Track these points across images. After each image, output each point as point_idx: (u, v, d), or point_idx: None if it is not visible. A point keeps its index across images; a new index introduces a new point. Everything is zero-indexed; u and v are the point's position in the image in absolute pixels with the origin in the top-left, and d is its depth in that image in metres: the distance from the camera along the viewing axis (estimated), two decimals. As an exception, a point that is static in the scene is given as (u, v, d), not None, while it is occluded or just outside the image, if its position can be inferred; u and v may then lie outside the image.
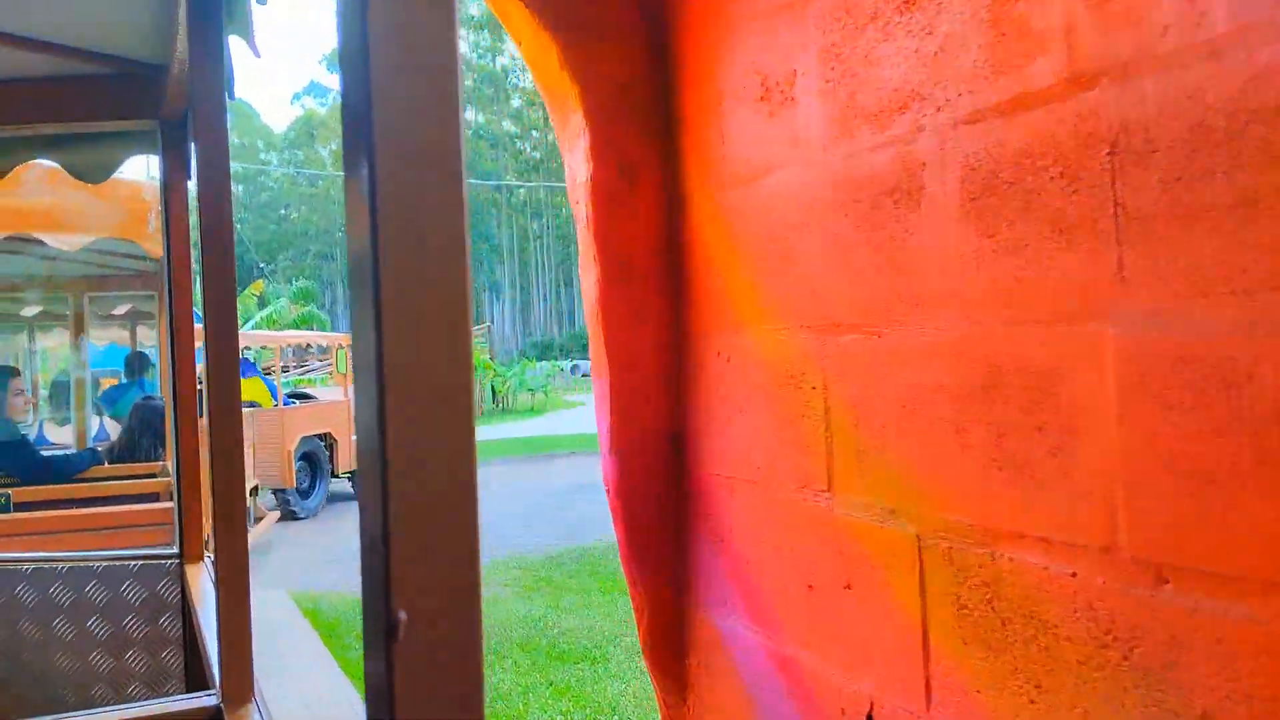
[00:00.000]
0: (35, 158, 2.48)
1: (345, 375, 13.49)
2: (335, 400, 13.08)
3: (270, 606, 8.52)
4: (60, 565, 2.31)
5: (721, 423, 1.50)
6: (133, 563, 2.36)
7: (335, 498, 13.40)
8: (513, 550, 9.43)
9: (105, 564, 2.35)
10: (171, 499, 3.55)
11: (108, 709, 1.57)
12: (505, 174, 67.23)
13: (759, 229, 1.39)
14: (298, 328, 23.01)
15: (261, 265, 50.58)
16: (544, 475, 15.07)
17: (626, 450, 1.61)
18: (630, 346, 1.57)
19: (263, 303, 22.59)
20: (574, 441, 19.35)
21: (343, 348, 13.91)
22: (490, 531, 10.50)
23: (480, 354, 27.66)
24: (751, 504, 1.43)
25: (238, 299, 1.51)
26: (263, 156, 77.92)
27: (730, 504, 1.48)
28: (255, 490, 10.51)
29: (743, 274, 1.43)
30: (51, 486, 4.56)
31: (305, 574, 8.76)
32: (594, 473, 10.83)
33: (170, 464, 4.90)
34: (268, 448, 10.97)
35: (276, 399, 11.95)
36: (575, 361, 48.92)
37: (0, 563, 2.31)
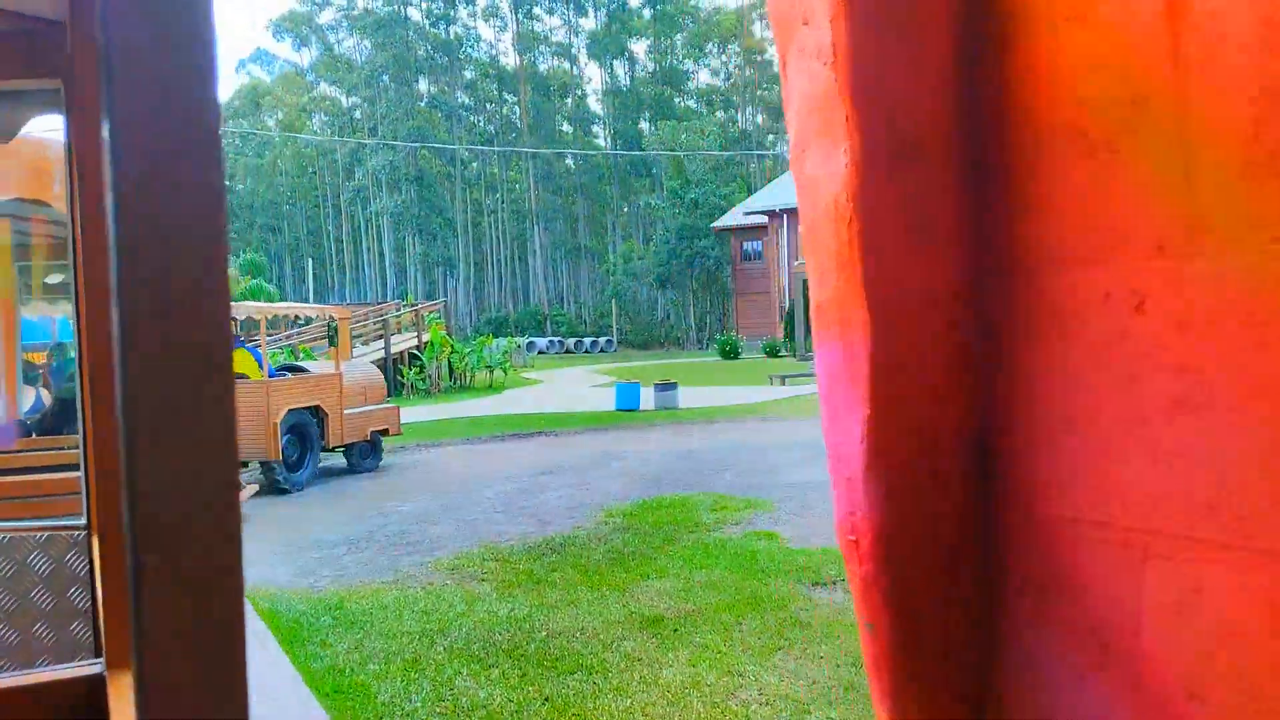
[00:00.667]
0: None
1: (338, 348, 13.59)
2: (327, 373, 12.94)
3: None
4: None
5: (1115, 428, 0.80)
6: (39, 533, 2.37)
7: (330, 472, 13.26)
8: (487, 540, 8.71)
9: (9, 535, 2.35)
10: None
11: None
12: (459, 146, 65.66)
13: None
14: (244, 300, 22.09)
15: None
16: (509, 458, 14.33)
17: (896, 468, 0.90)
18: (907, 283, 0.87)
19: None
20: (535, 421, 18.64)
21: (334, 319, 13.81)
22: (461, 519, 9.77)
23: (438, 329, 26.77)
24: (1201, 588, 0.74)
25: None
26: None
27: (1136, 581, 0.78)
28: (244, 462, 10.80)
29: (1199, 134, 0.74)
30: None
31: (272, 560, 7.97)
32: (560, 454, 10.13)
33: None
34: (252, 420, 11.06)
35: (265, 370, 11.96)
36: (531, 339, 48.27)
37: None
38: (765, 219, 43.48)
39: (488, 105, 71.29)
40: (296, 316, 14.13)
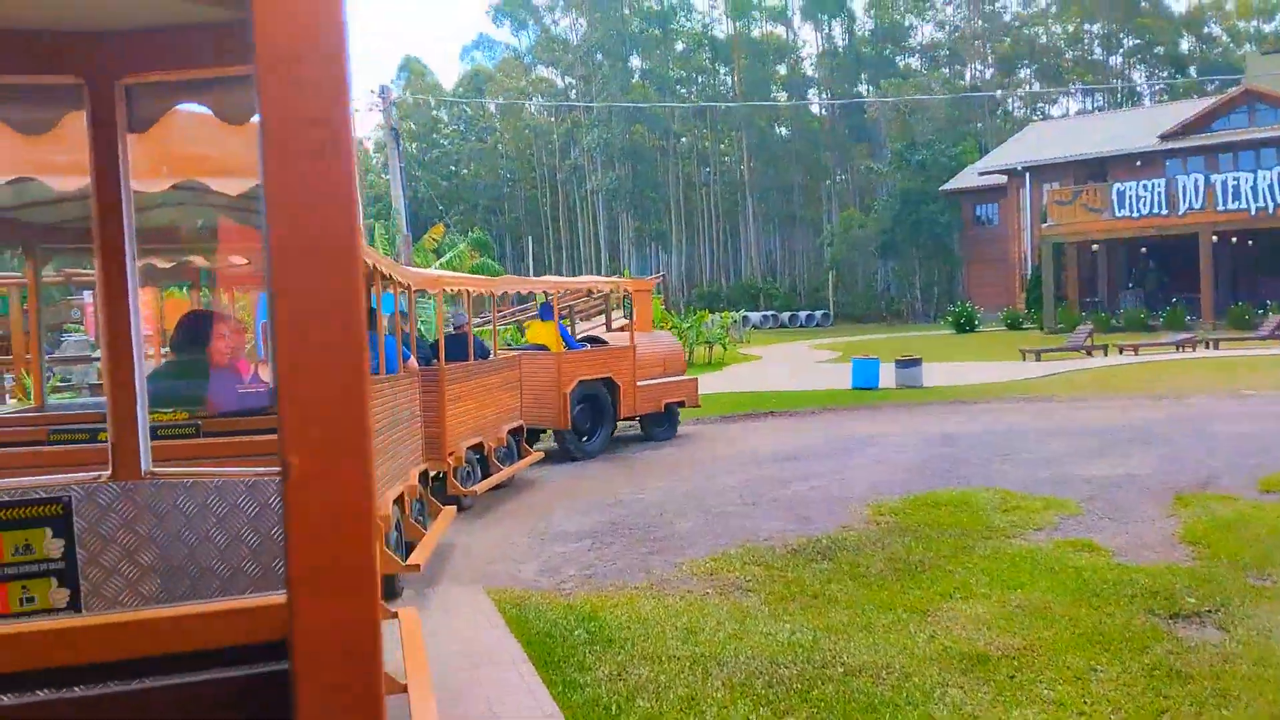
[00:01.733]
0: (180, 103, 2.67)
1: (632, 321, 13.59)
2: (621, 345, 12.99)
3: (463, 614, 6.65)
4: (245, 479, 2.73)
5: None
6: (247, 479, 2.75)
7: (629, 441, 13.64)
8: (741, 539, 7.70)
9: (222, 479, 2.74)
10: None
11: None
12: (671, 120, 65.15)
13: None
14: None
15: (442, 210, 50.71)
16: (745, 441, 13.31)
17: None
18: None
19: (438, 252, 21.88)
20: (765, 400, 17.54)
21: (628, 293, 13.82)
22: (708, 511, 8.82)
23: (657, 304, 26.19)
24: None
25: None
26: (434, 113, 78.62)
27: None
28: (521, 430, 10.97)
29: None
30: (238, 419, 4.84)
31: (515, 553, 7.31)
32: (801, 437, 8.65)
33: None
34: (544, 391, 11.55)
35: (574, 345, 12.47)
36: (745, 313, 47.03)
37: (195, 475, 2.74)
38: (1004, 179, 40.15)
39: (700, 77, 70.32)
40: (546, 292, 13.98)
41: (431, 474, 8.50)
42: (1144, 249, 33.82)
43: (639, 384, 12.81)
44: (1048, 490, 9.01)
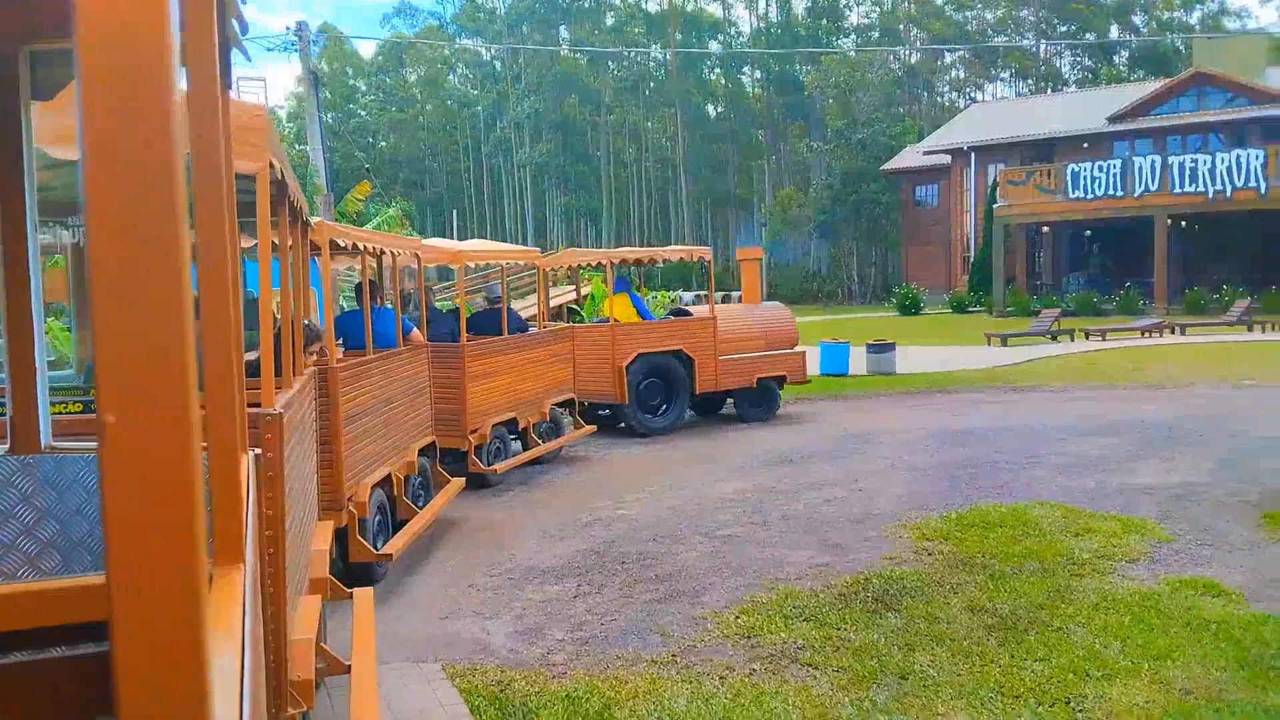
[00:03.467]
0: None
1: (709, 291, 12.84)
2: (697, 317, 12.21)
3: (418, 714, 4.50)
4: None
5: None
6: None
7: (721, 416, 12.91)
8: (769, 577, 6.03)
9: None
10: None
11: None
12: (604, 93, 63.02)
13: None
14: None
15: (367, 168, 47.85)
16: (725, 438, 11.67)
17: None
18: None
19: (363, 216, 19.68)
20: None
21: (705, 260, 12.65)
22: (714, 534, 7.11)
23: (599, 282, 24.37)
24: None
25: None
26: (350, 83, 75.06)
27: None
28: (572, 404, 10.64)
29: None
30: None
31: (478, 598, 5.47)
32: (791, 435, 6.51)
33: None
34: (600, 364, 11.13)
35: (648, 317, 11.88)
36: (680, 293, 45.33)
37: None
38: (947, 159, 39.27)
39: (632, 51, 68.26)
40: (623, 262, 12.73)
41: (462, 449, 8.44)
42: (1088, 232, 33.23)
43: (723, 358, 11.87)
44: (1105, 504, 7.56)
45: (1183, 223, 28.87)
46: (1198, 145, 30.67)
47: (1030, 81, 68.46)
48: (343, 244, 5.93)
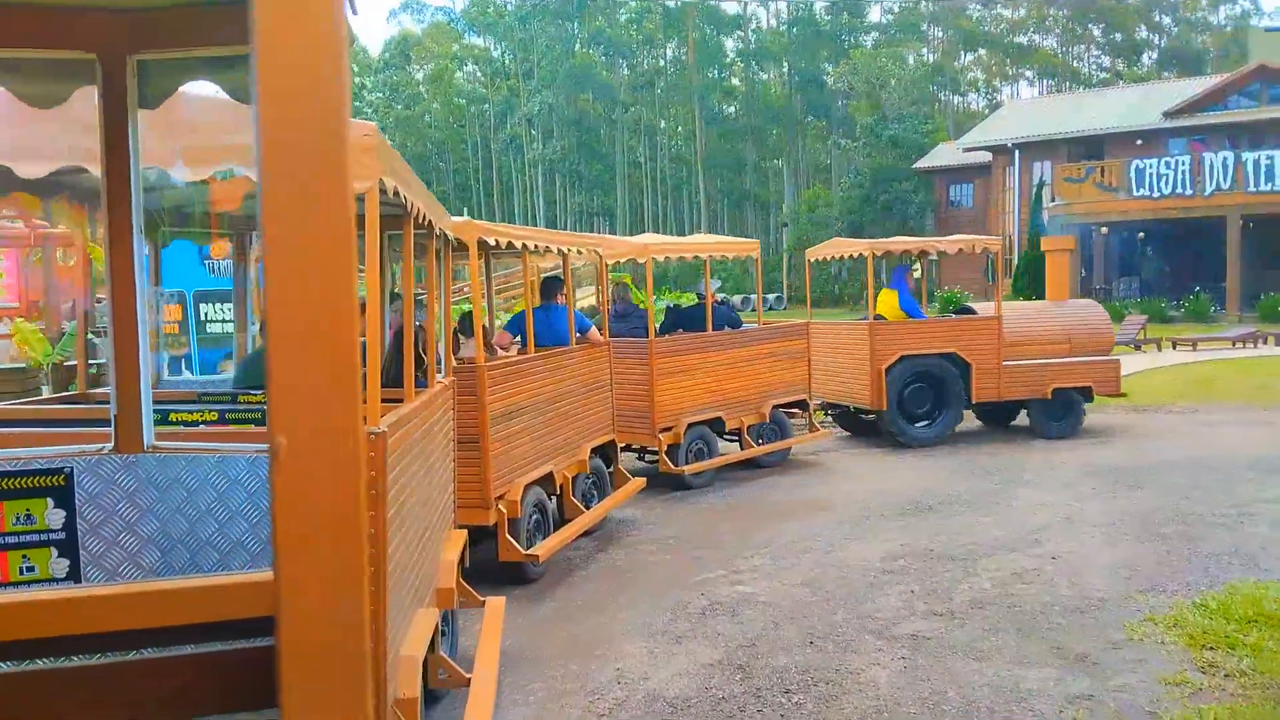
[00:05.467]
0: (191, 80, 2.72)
1: (997, 285, 12.08)
2: (978, 316, 10.98)
3: None
4: (246, 455, 2.88)
5: None
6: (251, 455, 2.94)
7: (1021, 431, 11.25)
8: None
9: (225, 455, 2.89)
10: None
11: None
12: (619, 89, 61.01)
13: None
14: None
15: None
16: (818, 474, 9.66)
17: None
18: None
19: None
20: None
21: (990, 252, 11.60)
22: (883, 635, 5.10)
23: (627, 280, 22.47)
24: None
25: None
26: (356, 80, 73.14)
27: None
28: (809, 405, 10.07)
29: None
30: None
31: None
32: (887, 473, 3.43)
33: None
34: (855, 366, 10.39)
35: (918, 316, 10.76)
36: (698, 292, 43.32)
37: (196, 450, 2.91)
38: (987, 156, 37.21)
39: (650, 45, 66.23)
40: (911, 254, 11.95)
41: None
42: (1141, 234, 31.17)
43: (1008, 364, 10.56)
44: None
45: (1250, 224, 26.82)
46: (1265, 143, 28.61)
47: (1053, 82, 66.50)
48: (493, 243, 5.79)
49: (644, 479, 7.79)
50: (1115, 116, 33.78)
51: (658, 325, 8.97)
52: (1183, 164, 26.68)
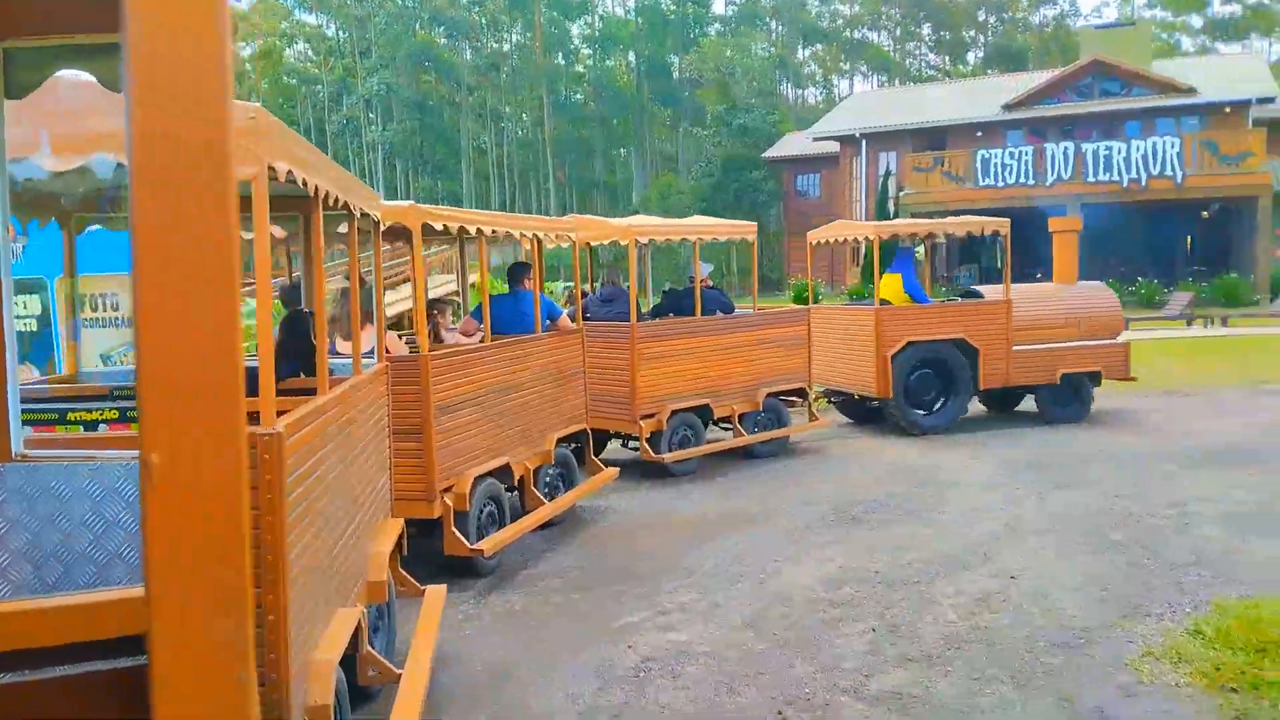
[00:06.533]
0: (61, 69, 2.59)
1: (1006, 268, 10.81)
2: (987, 300, 10.59)
3: None
4: (124, 462, 2.80)
5: None
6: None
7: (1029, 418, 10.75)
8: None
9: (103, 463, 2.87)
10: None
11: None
12: (464, 72, 58.88)
13: None
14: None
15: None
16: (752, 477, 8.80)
17: None
18: None
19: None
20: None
21: (998, 234, 10.77)
22: (907, 696, 4.22)
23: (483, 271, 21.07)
24: None
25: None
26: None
27: None
28: (805, 392, 9.61)
29: None
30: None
31: None
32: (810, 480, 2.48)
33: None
34: (861, 351, 10.06)
35: (923, 300, 10.37)
36: (563, 284, 42.19)
37: (70, 458, 2.87)
38: (835, 146, 37.62)
39: (494, 28, 64.23)
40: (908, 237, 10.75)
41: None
42: (983, 224, 32.08)
43: (1017, 348, 10.27)
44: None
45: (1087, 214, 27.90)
46: (1096, 135, 29.91)
47: (885, 78, 68.71)
48: (438, 227, 5.55)
49: (616, 469, 7.58)
50: (957, 109, 34.71)
51: (651, 309, 8.91)
52: (1026, 155, 27.50)
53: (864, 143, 35.79)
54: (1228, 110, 28.91)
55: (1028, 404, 11.24)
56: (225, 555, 0.79)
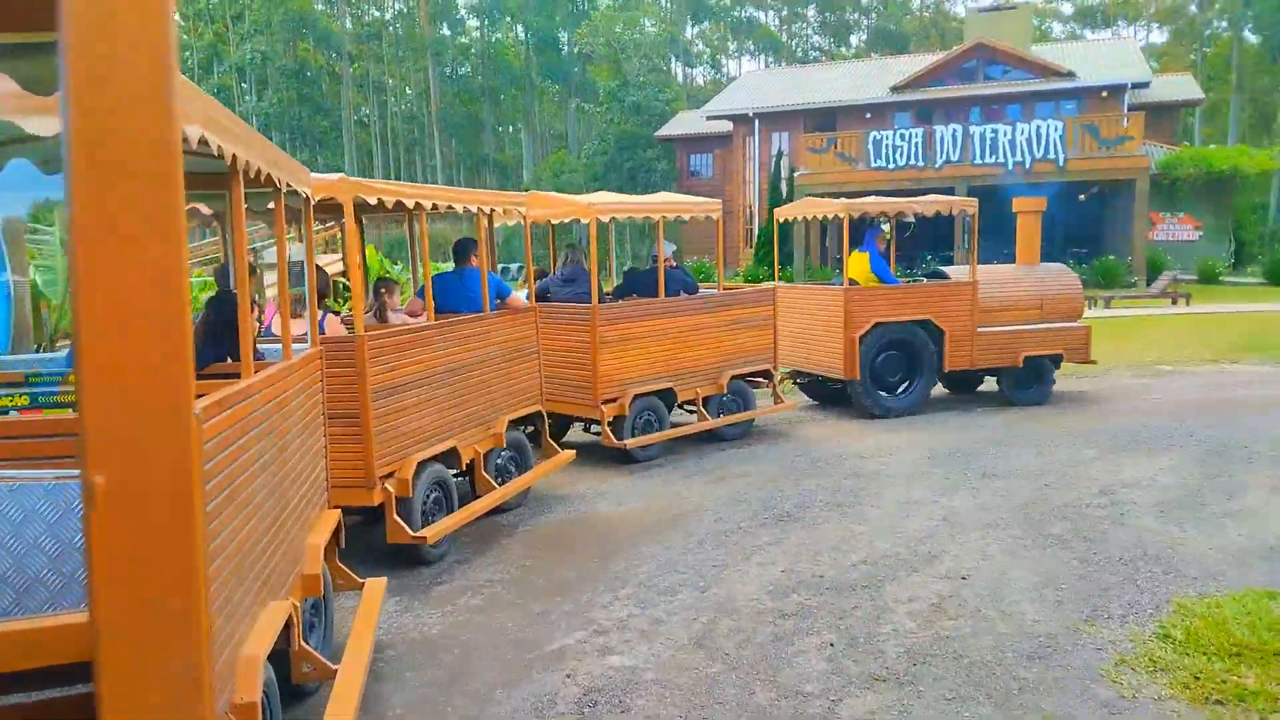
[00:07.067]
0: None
1: (973, 252, 10.47)
2: (953, 281, 10.41)
3: None
4: (44, 483, 2.88)
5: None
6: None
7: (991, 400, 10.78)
8: None
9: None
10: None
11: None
12: (344, 40, 56.46)
13: None
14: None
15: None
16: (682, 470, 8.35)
17: None
18: None
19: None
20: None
21: (968, 214, 10.72)
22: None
23: (370, 248, 20.27)
24: None
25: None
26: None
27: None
28: (771, 374, 9.34)
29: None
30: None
31: None
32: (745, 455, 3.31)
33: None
34: (827, 333, 9.85)
35: (889, 280, 10.11)
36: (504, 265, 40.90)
37: None
38: (727, 126, 37.51)
39: (373, -6, 61.80)
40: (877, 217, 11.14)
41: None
42: (873, 205, 32.50)
43: (982, 330, 10.20)
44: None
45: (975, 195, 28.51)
46: (980, 118, 30.58)
47: (773, 58, 69.25)
48: (372, 201, 5.20)
49: (573, 452, 7.37)
50: (846, 90, 35.02)
51: (614, 289, 8.79)
52: (916, 137, 27.86)
53: (757, 122, 35.78)
54: (1104, 94, 29.95)
55: (989, 384, 11.27)
56: (177, 583, 0.75)
